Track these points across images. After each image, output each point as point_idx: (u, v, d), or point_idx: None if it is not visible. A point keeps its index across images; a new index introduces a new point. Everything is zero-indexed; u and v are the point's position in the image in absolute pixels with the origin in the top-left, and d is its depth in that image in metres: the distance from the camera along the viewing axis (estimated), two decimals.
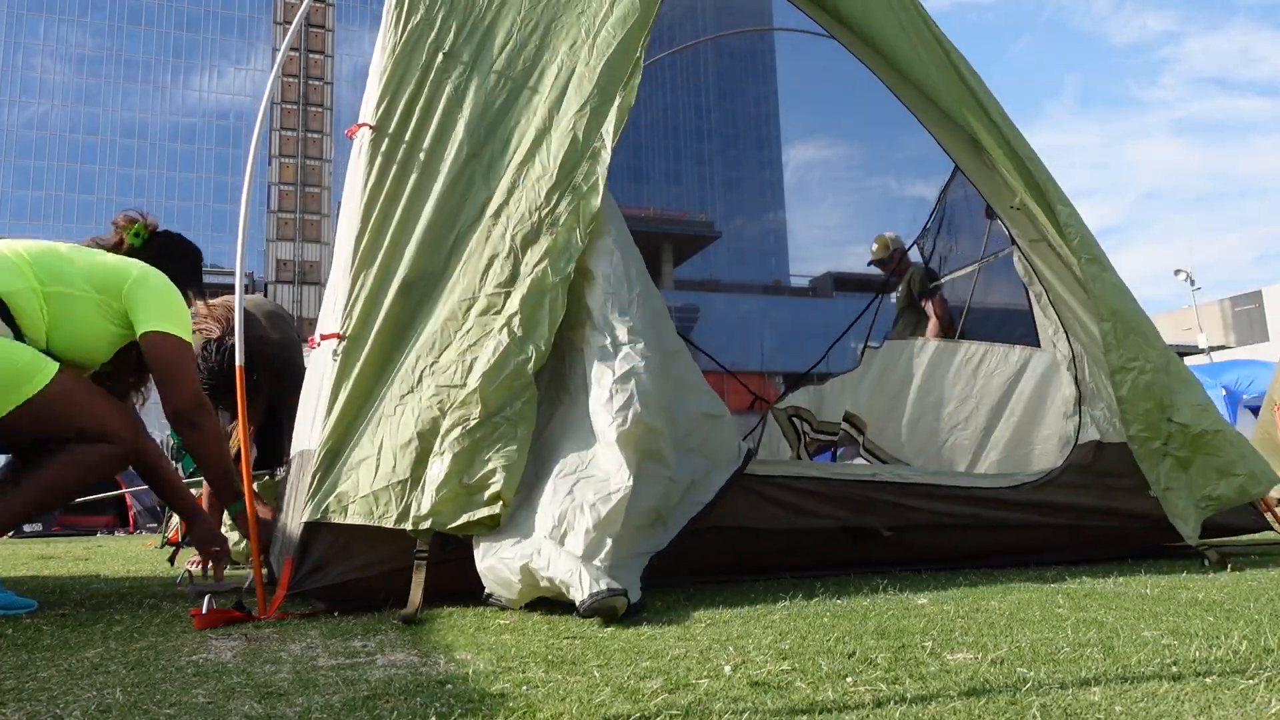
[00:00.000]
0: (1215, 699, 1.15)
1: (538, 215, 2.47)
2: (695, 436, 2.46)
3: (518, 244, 2.45)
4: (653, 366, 2.32)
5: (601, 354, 2.31)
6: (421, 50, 2.70)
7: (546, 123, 2.62)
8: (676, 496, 2.33)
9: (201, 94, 65.07)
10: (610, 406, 2.21)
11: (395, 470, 2.19)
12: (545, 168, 2.54)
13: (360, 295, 2.43)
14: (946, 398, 4.31)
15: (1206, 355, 32.13)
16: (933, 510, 2.80)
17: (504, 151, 2.61)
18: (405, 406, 2.28)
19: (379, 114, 2.64)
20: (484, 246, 2.48)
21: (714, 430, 2.50)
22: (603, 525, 2.04)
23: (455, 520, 2.14)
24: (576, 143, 2.56)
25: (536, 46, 2.74)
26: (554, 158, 2.55)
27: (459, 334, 2.37)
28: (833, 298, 44.88)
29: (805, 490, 2.70)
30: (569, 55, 2.71)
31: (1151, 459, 2.80)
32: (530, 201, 2.50)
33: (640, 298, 2.45)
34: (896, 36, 3.27)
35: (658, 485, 2.25)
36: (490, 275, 2.43)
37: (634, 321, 2.38)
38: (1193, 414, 2.84)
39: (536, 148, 2.59)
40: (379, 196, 2.54)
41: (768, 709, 1.16)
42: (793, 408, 5.25)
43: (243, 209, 2.44)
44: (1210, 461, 2.83)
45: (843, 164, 42.92)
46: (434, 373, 2.32)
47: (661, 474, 2.26)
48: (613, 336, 2.34)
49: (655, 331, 2.43)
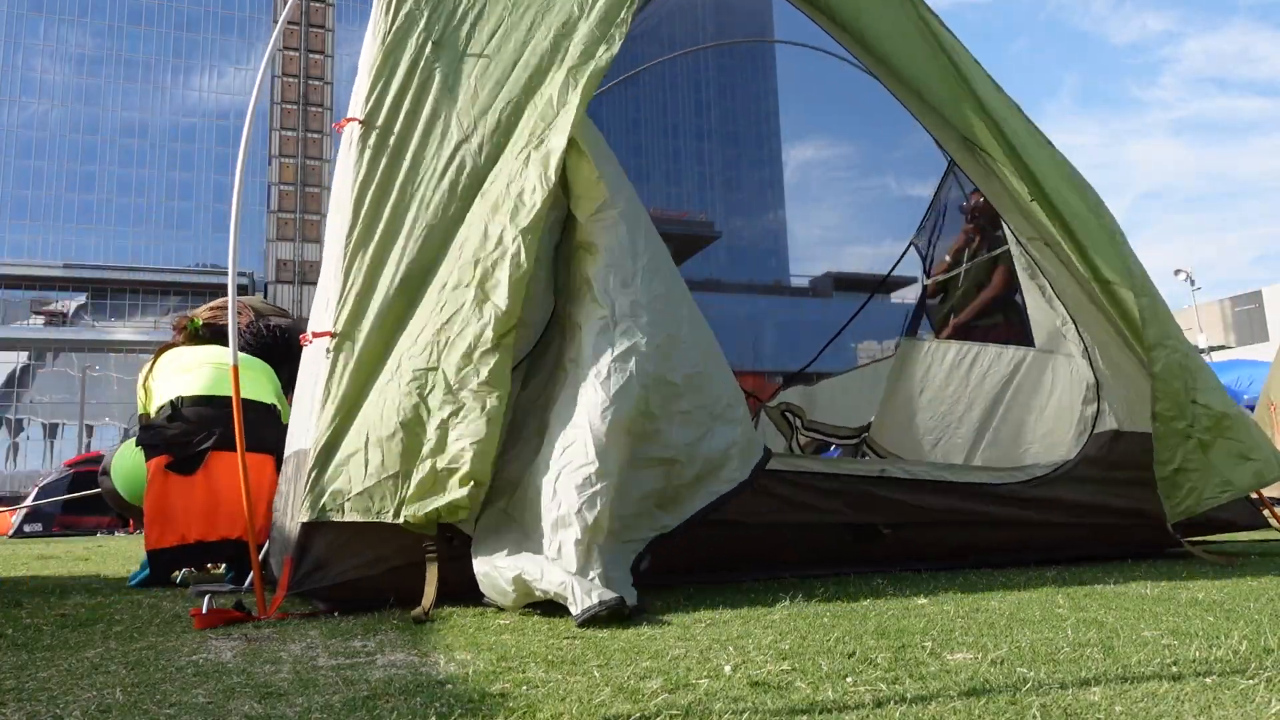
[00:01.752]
0: (1215, 699, 1.15)
1: (508, 180, 2.40)
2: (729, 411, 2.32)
3: (488, 212, 2.38)
4: (657, 342, 2.22)
5: (601, 328, 2.23)
6: (410, 40, 2.66)
7: (527, 94, 2.57)
8: (690, 474, 2.22)
9: (201, 94, 65.04)
10: (608, 386, 2.13)
11: (385, 464, 2.16)
12: (523, 136, 2.48)
13: (352, 291, 2.40)
14: (941, 397, 4.32)
15: (1206, 355, 32.12)
16: (936, 507, 2.79)
17: (493, 132, 2.55)
18: (385, 398, 2.23)
19: (368, 107, 2.59)
20: (467, 228, 2.42)
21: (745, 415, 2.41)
22: (591, 530, 2.00)
23: (431, 505, 2.09)
24: (551, 102, 2.49)
25: (528, 27, 2.69)
26: (531, 125, 2.49)
27: (432, 313, 2.30)
28: (832, 298, 44.87)
29: (810, 486, 2.68)
30: (561, 31, 2.65)
31: (1173, 438, 2.79)
32: (509, 173, 2.43)
33: (647, 270, 2.32)
34: (892, 37, 3.27)
35: (653, 468, 2.16)
36: (465, 250, 2.36)
37: (637, 295, 2.27)
38: (1215, 396, 2.85)
39: (516, 119, 2.53)
40: (368, 191, 2.50)
41: (768, 709, 1.16)
42: (784, 404, 5.25)
43: (234, 206, 2.42)
44: (1230, 446, 2.82)
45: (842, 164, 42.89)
46: (410, 358, 2.26)
47: (655, 455, 2.17)
48: (613, 310, 2.24)
49: (664, 305, 2.31)
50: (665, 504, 2.21)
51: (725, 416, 2.31)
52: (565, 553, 2.01)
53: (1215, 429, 2.81)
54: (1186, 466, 2.78)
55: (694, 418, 2.25)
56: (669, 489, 2.20)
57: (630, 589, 2.00)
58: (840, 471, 2.87)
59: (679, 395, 2.25)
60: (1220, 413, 2.82)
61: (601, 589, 1.89)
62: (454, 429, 2.13)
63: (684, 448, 2.21)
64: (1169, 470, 2.78)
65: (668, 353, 2.24)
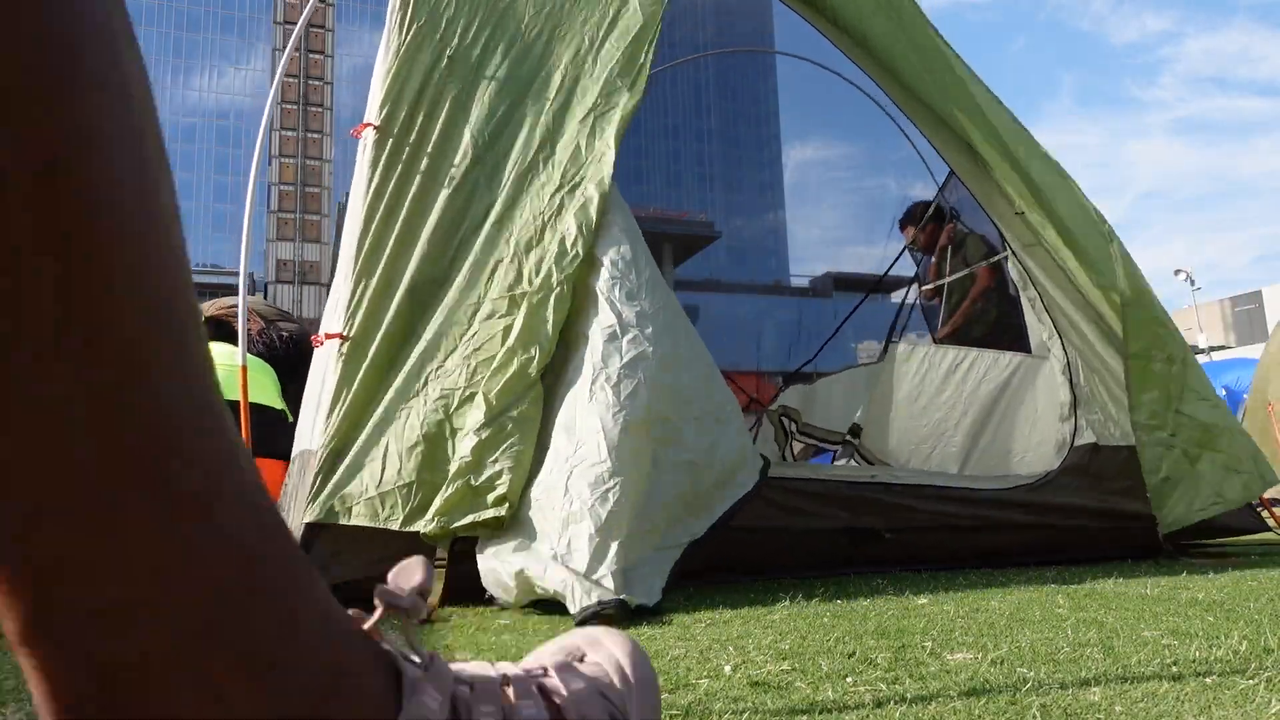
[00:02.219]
0: (1215, 699, 1.15)
1: (541, 219, 2.49)
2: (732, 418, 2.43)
3: (521, 249, 2.47)
4: (663, 352, 2.29)
5: (609, 336, 2.29)
6: (426, 53, 2.70)
7: (550, 131, 2.64)
8: (711, 479, 2.28)
9: (201, 94, 65.10)
10: (619, 390, 2.18)
11: (401, 473, 2.21)
12: (549, 175, 2.56)
13: (364, 297, 2.45)
14: (935, 404, 4.33)
15: (1206, 355, 32.14)
16: (933, 511, 2.81)
17: (506, 159, 2.62)
18: (410, 410, 2.30)
19: (383, 116, 2.64)
20: (489, 253, 2.50)
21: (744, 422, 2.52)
22: (605, 525, 2.02)
23: (460, 520, 2.16)
24: (580, 150, 2.58)
25: (540, 54, 2.75)
26: (558, 165, 2.57)
27: (464, 339, 2.38)
28: (832, 298, 44.95)
29: (806, 492, 2.70)
30: (573, 64, 2.72)
31: (1157, 447, 2.81)
32: (534, 208, 2.52)
33: (649, 284, 2.43)
34: (891, 40, 3.27)
35: (679, 472, 2.21)
36: (495, 281, 2.45)
37: (643, 306, 2.36)
38: (1202, 407, 2.86)
39: (540, 155, 2.61)
40: (381, 199, 2.55)
41: (768, 709, 1.16)
42: (782, 408, 5.26)
43: (247, 211, 2.45)
44: (1218, 458, 2.84)
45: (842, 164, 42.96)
46: (439, 376, 2.33)
47: (681, 458, 2.22)
48: (620, 320, 2.32)
49: (666, 317, 2.41)
50: (694, 509, 2.26)
51: (729, 422, 2.41)
52: (576, 547, 2.02)
53: (1201, 441, 2.83)
54: (1173, 476, 2.80)
55: (704, 424, 2.34)
56: (693, 493, 2.26)
57: (656, 592, 2.02)
58: (833, 478, 2.90)
59: (689, 401, 2.33)
60: (1206, 424, 2.84)
61: (603, 590, 1.90)
62: (491, 451, 2.21)
63: (703, 451, 2.29)
64: (1156, 480, 2.80)
65: (673, 362, 2.33)
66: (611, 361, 2.23)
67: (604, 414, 2.15)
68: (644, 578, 2.03)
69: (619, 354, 2.24)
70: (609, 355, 2.25)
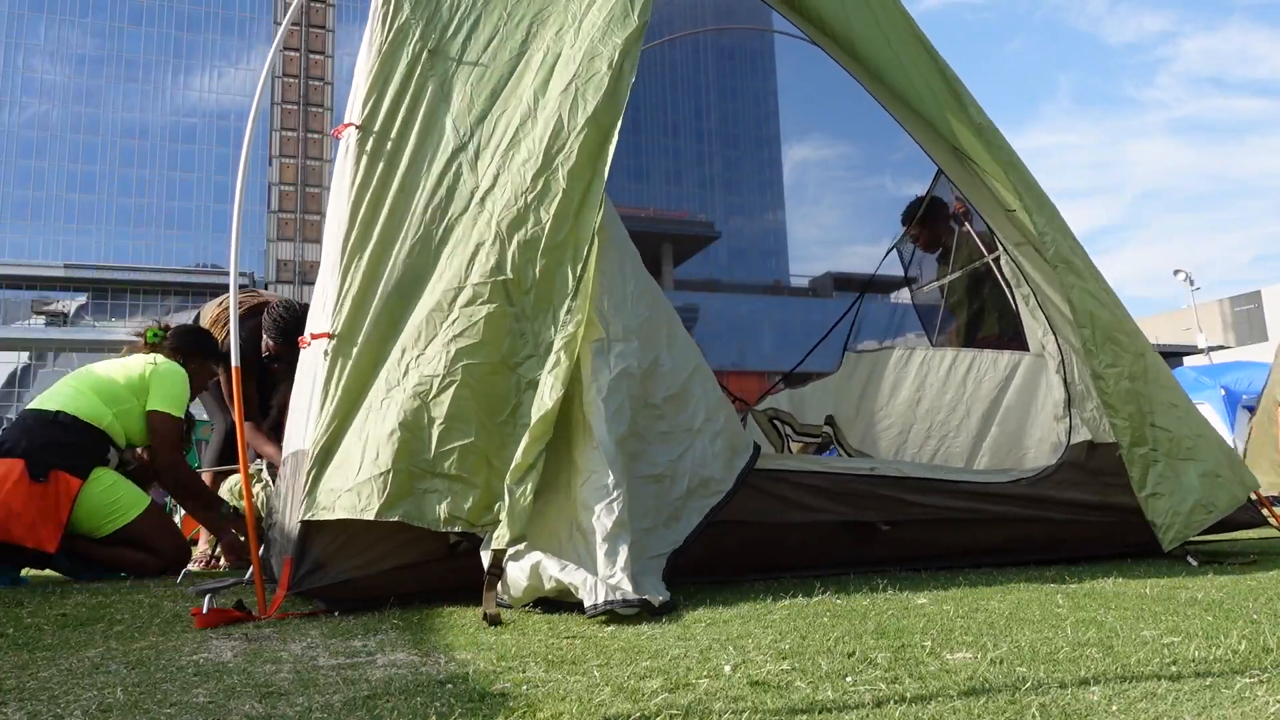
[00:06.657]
0: (1215, 699, 1.15)
1: (523, 200, 2.43)
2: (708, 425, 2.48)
3: (503, 230, 2.41)
4: (644, 368, 2.36)
5: (598, 349, 2.32)
6: (406, 48, 2.68)
7: (531, 107, 2.58)
8: (678, 490, 2.36)
9: (201, 94, 65.02)
10: (609, 404, 2.23)
11: (378, 461, 2.18)
12: (530, 151, 2.50)
13: (349, 293, 2.42)
14: (936, 405, 4.32)
15: (1206, 355, 32.13)
16: (932, 505, 2.80)
17: (490, 139, 2.58)
18: (391, 400, 2.27)
19: (364, 113, 2.62)
20: (470, 235, 2.45)
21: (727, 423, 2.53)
22: (613, 535, 2.07)
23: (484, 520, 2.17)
24: (561, 123, 2.50)
25: (523, 39, 2.71)
26: (539, 140, 2.50)
27: (444, 325, 2.34)
28: (832, 298, 44.95)
29: (806, 485, 2.70)
30: (555, 41, 2.67)
31: (1140, 463, 2.83)
32: (516, 186, 2.45)
33: (634, 295, 2.45)
34: (876, 43, 3.26)
35: (650, 485, 2.30)
36: (476, 264, 2.39)
37: (629, 320, 2.39)
38: (1172, 419, 2.89)
39: (521, 132, 2.55)
40: (365, 194, 2.52)
41: (768, 709, 1.16)
42: (772, 410, 5.22)
43: (235, 206, 2.43)
44: (1198, 468, 2.87)
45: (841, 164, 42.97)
46: (418, 364, 2.30)
47: (650, 472, 2.31)
48: (608, 332, 2.34)
49: (649, 329, 2.44)
50: (668, 520, 2.33)
51: (705, 430, 2.47)
52: (590, 553, 2.08)
53: (1179, 452, 2.85)
54: (1160, 491, 2.81)
55: (673, 437, 2.43)
56: (666, 505, 2.33)
57: (662, 591, 2.07)
58: (832, 470, 2.89)
59: (660, 417, 2.43)
60: (1179, 436, 2.85)
61: (623, 590, 1.94)
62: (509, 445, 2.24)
63: (668, 464, 2.38)
64: (1144, 494, 2.81)
65: (650, 377, 2.40)
66: (601, 375, 2.27)
67: (599, 428, 2.20)
68: (651, 585, 2.08)
69: (607, 368, 2.29)
70: (599, 369, 2.28)
